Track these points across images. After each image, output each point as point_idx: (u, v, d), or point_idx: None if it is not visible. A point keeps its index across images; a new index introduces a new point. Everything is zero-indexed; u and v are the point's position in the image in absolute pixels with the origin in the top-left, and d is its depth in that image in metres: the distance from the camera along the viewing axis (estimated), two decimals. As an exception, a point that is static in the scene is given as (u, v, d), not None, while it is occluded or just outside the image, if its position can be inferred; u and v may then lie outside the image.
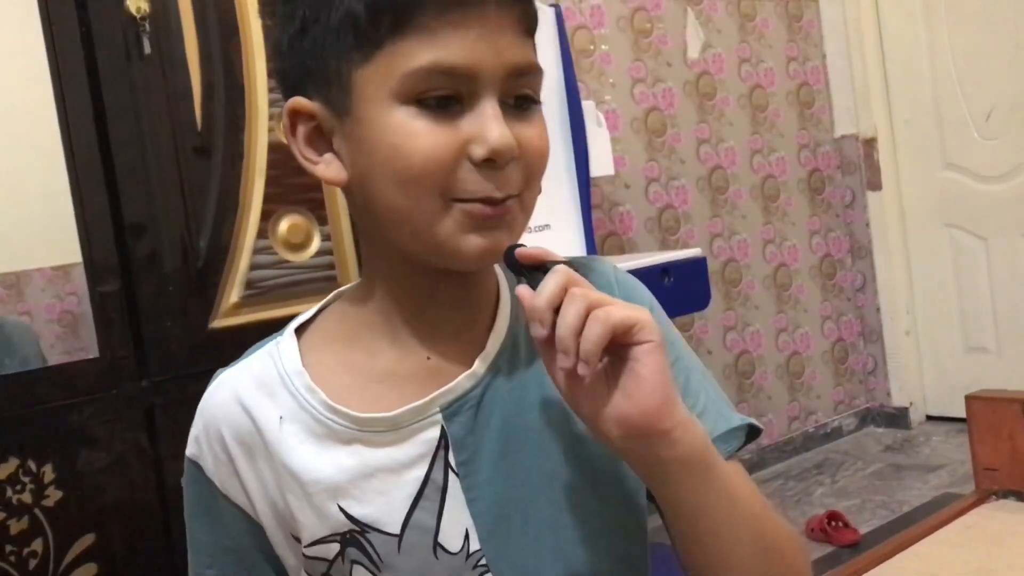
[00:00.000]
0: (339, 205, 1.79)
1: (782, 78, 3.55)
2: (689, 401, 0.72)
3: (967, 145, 3.43)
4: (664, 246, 3.14)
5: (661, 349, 0.60)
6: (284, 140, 1.76)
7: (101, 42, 1.55)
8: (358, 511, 0.68)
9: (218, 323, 1.64)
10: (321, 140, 0.68)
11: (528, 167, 0.66)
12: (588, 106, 2.43)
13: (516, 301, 0.72)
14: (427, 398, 0.68)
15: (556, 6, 2.39)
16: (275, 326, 0.77)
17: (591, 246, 2.34)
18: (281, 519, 0.70)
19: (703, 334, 3.27)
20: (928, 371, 3.68)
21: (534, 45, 0.67)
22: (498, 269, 0.75)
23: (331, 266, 1.79)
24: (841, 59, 3.62)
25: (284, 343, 0.73)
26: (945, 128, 3.48)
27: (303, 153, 0.68)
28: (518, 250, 0.64)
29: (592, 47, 3.02)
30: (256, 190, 1.70)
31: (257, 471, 0.70)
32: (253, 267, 1.69)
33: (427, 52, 0.62)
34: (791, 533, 0.71)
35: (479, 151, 0.63)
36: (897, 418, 3.68)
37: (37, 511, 1.45)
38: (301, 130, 0.68)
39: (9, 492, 1.43)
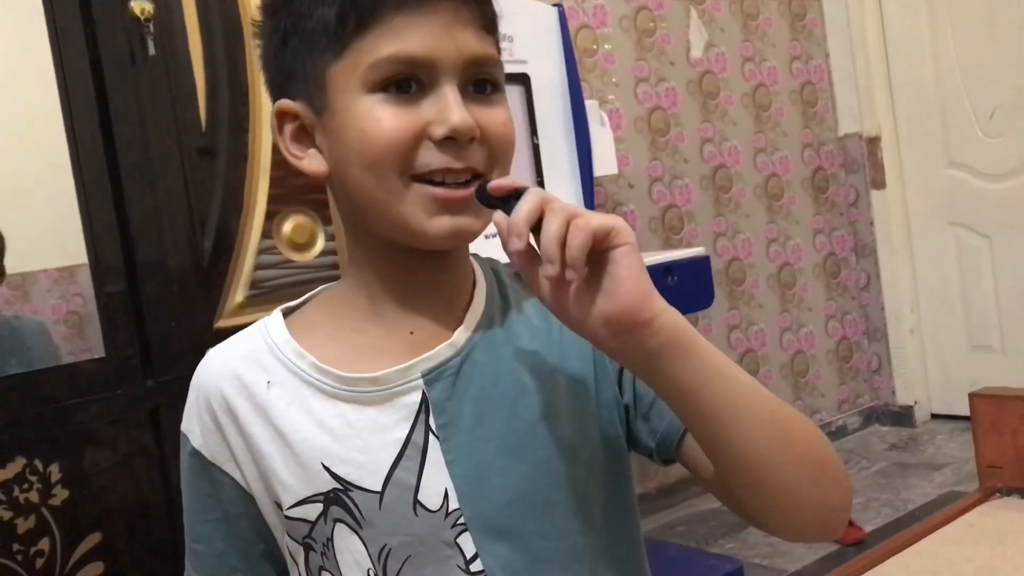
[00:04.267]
0: (343, 205, 1.79)
1: (785, 77, 3.55)
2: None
3: (971, 143, 3.42)
4: (668, 245, 3.14)
5: (636, 249, 0.65)
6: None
7: (105, 44, 1.56)
8: (342, 469, 0.72)
9: (223, 323, 1.65)
10: (305, 137, 0.74)
11: (492, 149, 0.71)
12: (591, 106, 2.43)
13: (491, 284, 0.78)
14: (410, 362, 0.73)
15: (559, 6, 2.39)
16: (279, 326, 0.78)
17: (595, 245, 2.34)
18: (267, 485, 0.74)
19: (707, 333, 3.26)
20: (932, 369, 3.67)
21: (495, 42, 0.73)
22: (472, 260, 0.80)
23: (335, 266, 1.79)
24: (844, 57, 3.62)
25: (271, 320, 0.78)
26: (949, 126, 3.48)
27: (289, 149, 0.75)
28: (490, 184, 0.67)
29: (595, 47, 3.02)
30: (260, 190, 1.70)
31: (245, 437, 0.74)
32: (258, 267, 1.69)
33: (389, 45, 0.68)
34: (807, 420, 0.71)
35: (439, 130, 0.68)
36: (902, 416, 3.68)
37: (44, 510, 1.45)
38: (288, 129, 0.74)
39: (16, 491, 1.43)
